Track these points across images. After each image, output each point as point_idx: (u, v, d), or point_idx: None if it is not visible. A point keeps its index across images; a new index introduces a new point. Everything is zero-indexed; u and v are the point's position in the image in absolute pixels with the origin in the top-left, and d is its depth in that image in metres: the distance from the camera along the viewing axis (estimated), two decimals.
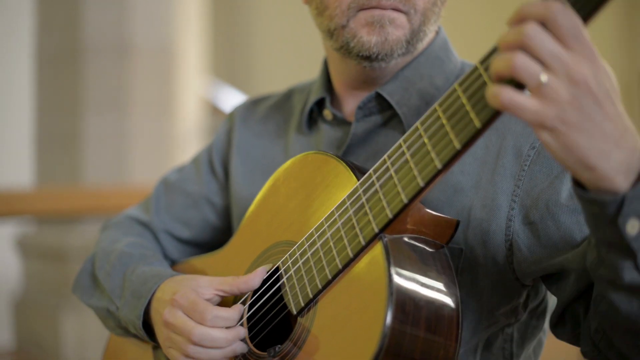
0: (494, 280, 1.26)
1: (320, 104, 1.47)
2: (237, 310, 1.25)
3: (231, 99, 6.29)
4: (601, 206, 0.93)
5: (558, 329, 1.21)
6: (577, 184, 0.97)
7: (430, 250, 1.14)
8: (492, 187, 1.25)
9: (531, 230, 1.21)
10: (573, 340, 1.20)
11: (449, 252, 1.17)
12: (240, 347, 1.25)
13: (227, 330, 1.24)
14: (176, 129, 5.09)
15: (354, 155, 1.37)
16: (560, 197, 1.19)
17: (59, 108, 5.02)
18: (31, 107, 5.49)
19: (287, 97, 1.59)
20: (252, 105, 1.64)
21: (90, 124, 4.83)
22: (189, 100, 5.34)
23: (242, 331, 1.26)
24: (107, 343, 1.61)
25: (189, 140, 5.16)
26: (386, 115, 1.38)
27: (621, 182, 0.92)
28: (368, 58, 1.31)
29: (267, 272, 1.27)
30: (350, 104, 1.43)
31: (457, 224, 1.17)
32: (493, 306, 1.28)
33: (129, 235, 1.59)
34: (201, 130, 5.48)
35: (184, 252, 1.63)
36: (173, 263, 1.57)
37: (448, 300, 1.10)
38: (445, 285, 1.12)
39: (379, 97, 1.37)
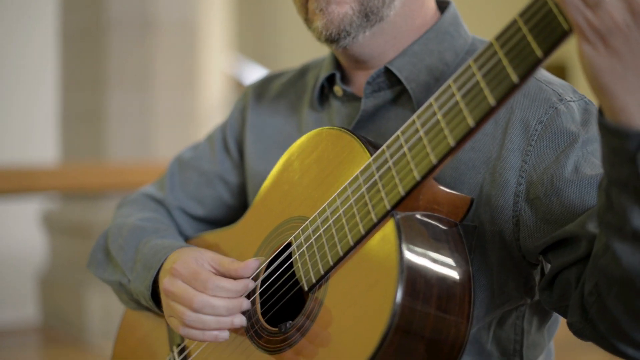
0: (501, 255, 1.25)
1: (331, 80, 1.47)
2: (242, 284, 1.26)
3: (255, 75, 6.26)
4: (623, 138, 0.92)
5: (545, 294, 1.21)
6: (603, 115, 0.96)
7: (443, 227, 1.13)
8: (500, 162, 1.24)
9: (536, 206, 1.20)
10: (558, 307, 1.19)
11: (462, 229, 1.16)
12: (239, 320, 1.25)
13: (229, 299, 1.25)
14: (200, 105, 5.10)
15: (363, 131, 1.36)
16: (564, 171, 1.18)
17: (83, 85, 5.04)
18: (55, 84, 5.52)
19: (302, 73, 1.59)
20: (265, 83, 1.64)
21: (114, 100, 4.85)
22: (213, 77, 5.34)
23: (246, 303, 1.26)
24: (122, 317, 1.62)
25: (212, 117, 5.16)
26: (395, 91, 1.37)
27: (639, 119, 0.91)
28: (329, 41, 1.35)
29: (261, 264, 1.29)
30: (360, 79, 1.42)
31: (472, 201, 1.16)
32: (502, 283, 1.27)
33: (143, 211, 1.60)
34: (225, 107, 5.48)
35: (197, 230, 1.63)
36: (187, 239, 1.58)
37: (460, 278, 1.09)
38: (458, 263, 1.11)
39: (387, 72, 1.36)
